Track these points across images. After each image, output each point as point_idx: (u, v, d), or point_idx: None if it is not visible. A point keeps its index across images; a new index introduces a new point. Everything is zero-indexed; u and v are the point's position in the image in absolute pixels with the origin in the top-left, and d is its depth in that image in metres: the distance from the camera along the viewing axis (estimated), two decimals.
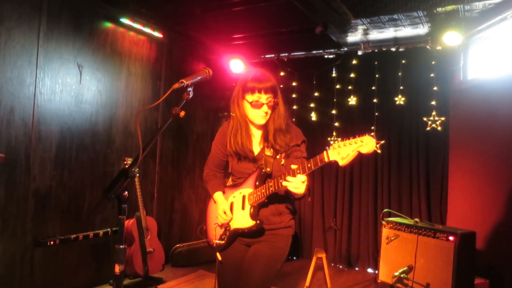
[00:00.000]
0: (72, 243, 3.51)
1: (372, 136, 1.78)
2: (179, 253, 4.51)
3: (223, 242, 2.18)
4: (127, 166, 3.59)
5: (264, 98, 2.06)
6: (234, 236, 2.17)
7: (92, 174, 3.71)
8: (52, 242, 3.32)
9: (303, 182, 1.88)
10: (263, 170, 2.09)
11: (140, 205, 3.77)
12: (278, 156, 2.13)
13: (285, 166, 2.10)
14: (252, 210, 2.09)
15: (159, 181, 4.51)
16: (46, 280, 3.33)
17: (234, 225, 2.16)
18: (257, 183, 2.09)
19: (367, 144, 1.77)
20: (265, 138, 2.16)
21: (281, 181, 1.93)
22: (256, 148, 2.18)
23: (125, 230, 3.56)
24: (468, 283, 3.39)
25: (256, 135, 2.20)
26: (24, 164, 3.15)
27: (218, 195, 2.24)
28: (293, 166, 1.90)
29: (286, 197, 2.12)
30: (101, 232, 3.74)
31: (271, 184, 1.99)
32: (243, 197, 2.14)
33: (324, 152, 1.83)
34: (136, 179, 3.79)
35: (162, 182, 4.56)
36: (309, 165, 1.86)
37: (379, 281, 3.83)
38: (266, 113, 2.09)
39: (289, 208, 2.18)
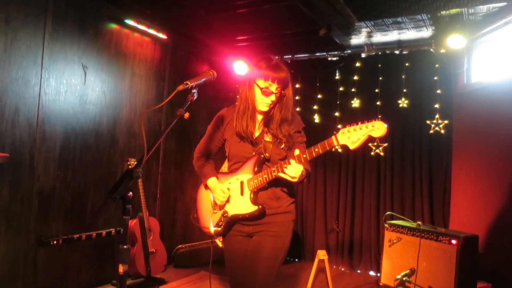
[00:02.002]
0: (75, 243, 3.52)
1: (381, 120, 1.80)
2: (181, 254, 4.51)
3: (220, 229, 2.19)
4: (130, 167, 3.63)
5: (274, 87, 2.09)
6: (233, 222, 2.17)
7: (95, 174, 3.72)
8: (55, 242, 3.33)
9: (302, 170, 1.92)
10: (262, 156, 2.10)
11: (143, 205, 3.78)
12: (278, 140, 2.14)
13: (285, 149, 2.13)
14: (252, 195, 2.10)
15: (162, 181, 4.52)
16: (49, 279, 3.35)
17: (233, 211, 2.16)
18: (256, 168, 2.10)
19: (379, 128, 1.81)
20: (265, 124, 2.18)
21: (285, 166, 1.94)
22: (256, 131, 2.20)
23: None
24: (470, 287, 3.38)
25: (258, 119, 2.22)
26: (28, 164, 3.17)
27: (212, 180, 2.25)
28: (297, 152, 1.91)
29: (283, 181, 2.13)
30: (104, 232, 3.76)
31: (273, 169, 2.01)
32: (241, 183, 2.14)
33: (333, 136, 1.85)
34: (139, 180, 3.80)
35: (165, 182, 4.58)
36: (316, 149, 1.88)
37: (381, 284, 3.83)
38: (272, 102, 2.11)
39: (286, 192, 2.18)
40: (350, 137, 1.83)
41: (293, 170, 1.91)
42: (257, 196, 2.11)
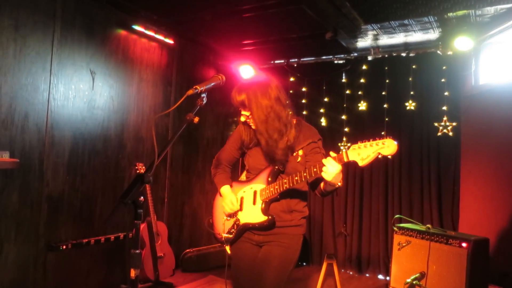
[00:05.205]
0: (84, 248, 3.54)
1: (392, 139, 1.80)
2: (189, 258, 4.51)
3: (231, 236, 2.21)
4: (139, 172, 3.65)
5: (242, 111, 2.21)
6: (243, 230, 2.19)
7: (104, 179, 3.74)
8: (64, 247, 3.34)
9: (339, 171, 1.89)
10: (276, 167, 2.12)
11: (151, 210, 3.79)
12: (294, 154, 2.14)
13: (302, 162, 2.12)
14: (263, 205, 2.11)
15: (170, 186, 4.53)
16: (58, 284, 3.36)
17: (245, 219, 2.18)
18: (269, 179, 2.12)
19: (389, 147, 1.79)
20: None
21: (314, 169, 1.92)
22: None
23: None
24: None
25: None
26: (38, 169, 3.20)
27: (225, 189, 2.27)
28: (332, 154, 1.90)
29: (298, 195, 2.15)
30: (112, 236, 3.77)
31: (285, 180, 2.02)
32: (254, 192, 2.16)
33: (344, 152, 1.85)
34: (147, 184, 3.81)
35: (173, 187, 4.59)
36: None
37: (390, 287, 3.80)
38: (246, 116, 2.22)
39: (300, 206, 2.19)
40: (360, 153, 1.82)
41: (331, 167, 1.87)
42: (268, 207, 2.12)
